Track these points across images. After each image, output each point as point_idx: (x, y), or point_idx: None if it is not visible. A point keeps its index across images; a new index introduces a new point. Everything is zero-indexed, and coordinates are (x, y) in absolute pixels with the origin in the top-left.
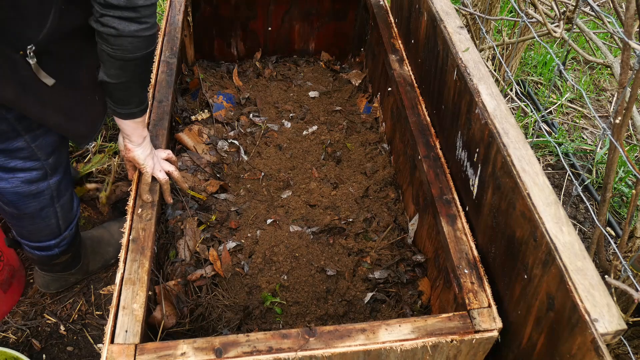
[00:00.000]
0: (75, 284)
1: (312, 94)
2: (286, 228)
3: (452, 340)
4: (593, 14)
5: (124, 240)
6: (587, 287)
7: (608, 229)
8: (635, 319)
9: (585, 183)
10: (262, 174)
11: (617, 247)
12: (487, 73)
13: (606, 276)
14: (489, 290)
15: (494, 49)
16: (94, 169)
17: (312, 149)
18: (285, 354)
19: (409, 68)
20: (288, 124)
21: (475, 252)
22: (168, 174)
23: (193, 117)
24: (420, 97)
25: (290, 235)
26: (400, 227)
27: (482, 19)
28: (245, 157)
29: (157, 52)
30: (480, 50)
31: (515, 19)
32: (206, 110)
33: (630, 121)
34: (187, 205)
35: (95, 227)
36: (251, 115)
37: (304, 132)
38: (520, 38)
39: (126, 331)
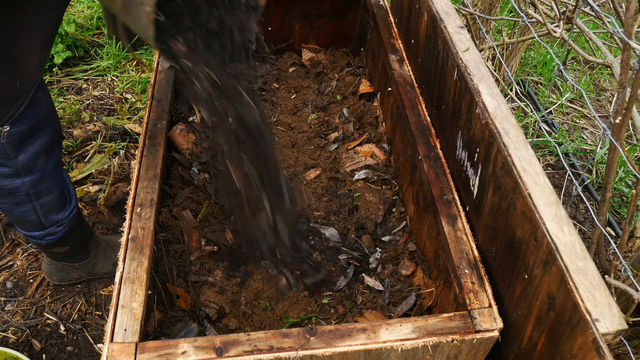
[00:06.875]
0: (78, 282)
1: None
2: None
3: (452, 340)
4: (593, 14)
5: (123, 239)
6: (588, 287)
7: (608, 229)
8: (635, 319)
9: (585, 183)
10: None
11: (617, 247)
12: (487, 73)
13: (606, 276)
14: (489, 290)
15: (494, 49)
16: (93, 170)
17: None
18: (286, 353)
19: (409, 68)
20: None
21: (476, 252)
22: None
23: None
24: (420, 97)
25: None
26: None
27: (482, 19)
28: None
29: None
30: (480, 50)
31: (515, 19)
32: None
33: (630, 121)
34: None
35: (115, 233)
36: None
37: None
38: (520, 38)
39: (125, 330)
